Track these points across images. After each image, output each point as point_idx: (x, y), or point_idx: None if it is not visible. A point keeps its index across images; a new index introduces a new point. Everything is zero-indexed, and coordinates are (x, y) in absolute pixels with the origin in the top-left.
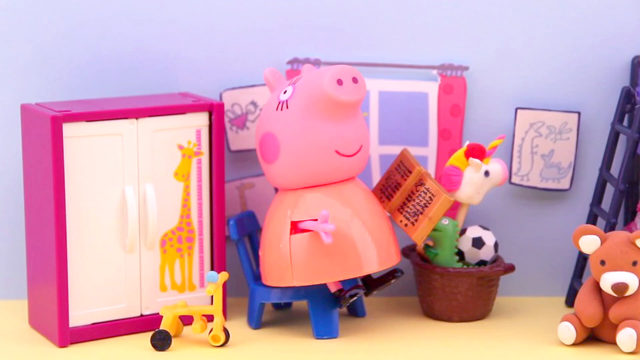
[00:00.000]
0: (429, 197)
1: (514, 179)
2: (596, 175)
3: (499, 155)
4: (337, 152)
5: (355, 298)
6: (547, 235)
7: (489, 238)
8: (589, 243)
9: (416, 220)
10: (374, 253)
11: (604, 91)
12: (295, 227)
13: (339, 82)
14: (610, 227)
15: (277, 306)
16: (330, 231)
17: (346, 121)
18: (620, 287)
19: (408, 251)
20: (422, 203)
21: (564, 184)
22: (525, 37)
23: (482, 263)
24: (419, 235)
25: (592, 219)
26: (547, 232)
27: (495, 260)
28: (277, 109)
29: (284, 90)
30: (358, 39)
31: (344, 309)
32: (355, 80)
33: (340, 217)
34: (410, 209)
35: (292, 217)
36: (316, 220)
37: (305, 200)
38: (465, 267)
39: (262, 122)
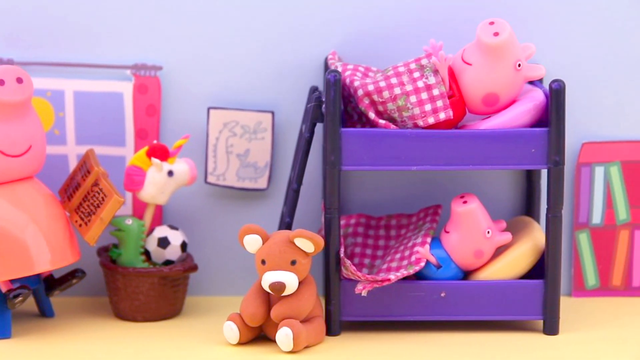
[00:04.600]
0: (102, 197)
1: (210, 179)
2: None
3: (194, 155)
4: (1, 152)
5: (20, 298)
6: None
7: (175, 238)
8: (252, 242)
9: (89, 221)
10: (47, 252)
11: (298, 91)
12: None
13: (1, 82)
14: (286, 226)
15: None
16: None
17: (12, 121)
18: (276, 287)
19: (102, 251)
20: (95, 203)
21: (262, 183)
22: (219, 37)
23: (169, 263)
24: (90, 236)
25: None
26: None
27: (185, 260)
28: None
29: None
30: (52, 39)
31: (35, 309)
32: (19, 80)
33: (9, 218)
34: (85, 209)
35: None
36: None
37: None
38: (151, 267)
39: None
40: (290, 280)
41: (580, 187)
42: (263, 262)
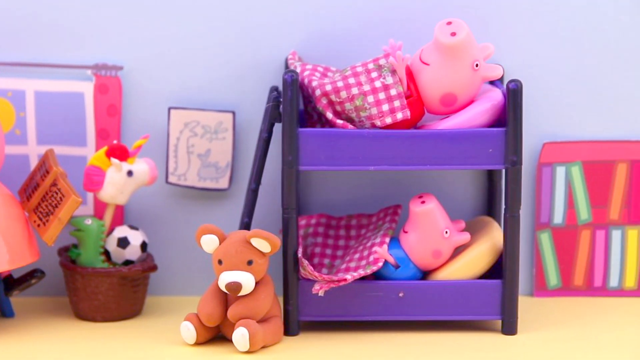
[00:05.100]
0: (60, 197)
1: (171, 179)
2: None
3: (155, 155)
4: None
5: None
6: None
7: (135, 238)
8: (209, 242)
9: (48, 221)
10: (5, 252)
11: (259, 91)
12: None
13: None
14: (245, 226)
15: None
16: None
17: None
18: (232, 287)
19: (62, 251)
20: (53, 203)
21: (223, 183)
22: (180, 37)
23: (129, 263)
24: (49, 236)
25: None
26: None
27: (144, 260)
28: None
29: None
30: (12, 39)
31: None
32: None
33: None
34: (44, 209)
35: None
36: None
37: None
38: (111, 267)
39: None
40: (246, 280)
41: (542, 187)
42: (220, 262)
